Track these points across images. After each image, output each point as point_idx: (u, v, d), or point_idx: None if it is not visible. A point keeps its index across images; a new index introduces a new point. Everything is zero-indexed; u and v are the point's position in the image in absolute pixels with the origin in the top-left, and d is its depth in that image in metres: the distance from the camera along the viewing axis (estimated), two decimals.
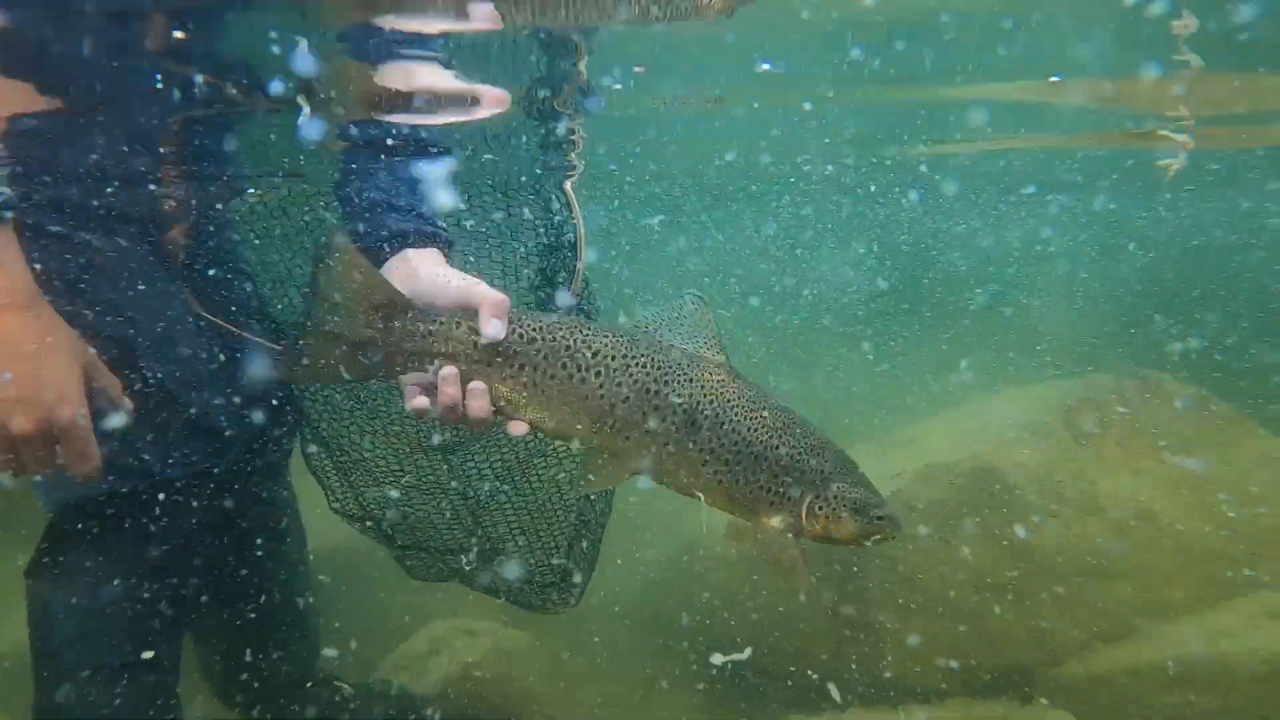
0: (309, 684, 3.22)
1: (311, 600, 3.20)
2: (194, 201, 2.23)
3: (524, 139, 2.62)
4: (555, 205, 2.14)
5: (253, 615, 2.86)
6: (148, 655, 2.11)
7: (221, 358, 2.12)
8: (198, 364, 2.09)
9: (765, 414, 1.89)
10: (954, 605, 4.10)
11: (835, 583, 4.26)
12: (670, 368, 1.83)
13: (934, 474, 4.39)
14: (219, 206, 2.29)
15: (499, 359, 1.77)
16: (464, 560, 2.64)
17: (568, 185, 2.13)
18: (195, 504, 2.21)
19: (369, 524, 2.55)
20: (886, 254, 14.07)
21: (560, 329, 1.81)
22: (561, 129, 2.62)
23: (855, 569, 4.22)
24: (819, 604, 4.27)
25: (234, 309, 2.21)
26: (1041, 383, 5.50)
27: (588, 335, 1.82)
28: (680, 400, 1.83)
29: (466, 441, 2.46)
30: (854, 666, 4.14)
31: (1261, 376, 6.88)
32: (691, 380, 1.84)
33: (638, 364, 1.82)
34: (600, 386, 1.80)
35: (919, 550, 4.20)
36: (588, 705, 4.07)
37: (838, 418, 6.82)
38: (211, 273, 2.20)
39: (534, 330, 1.80)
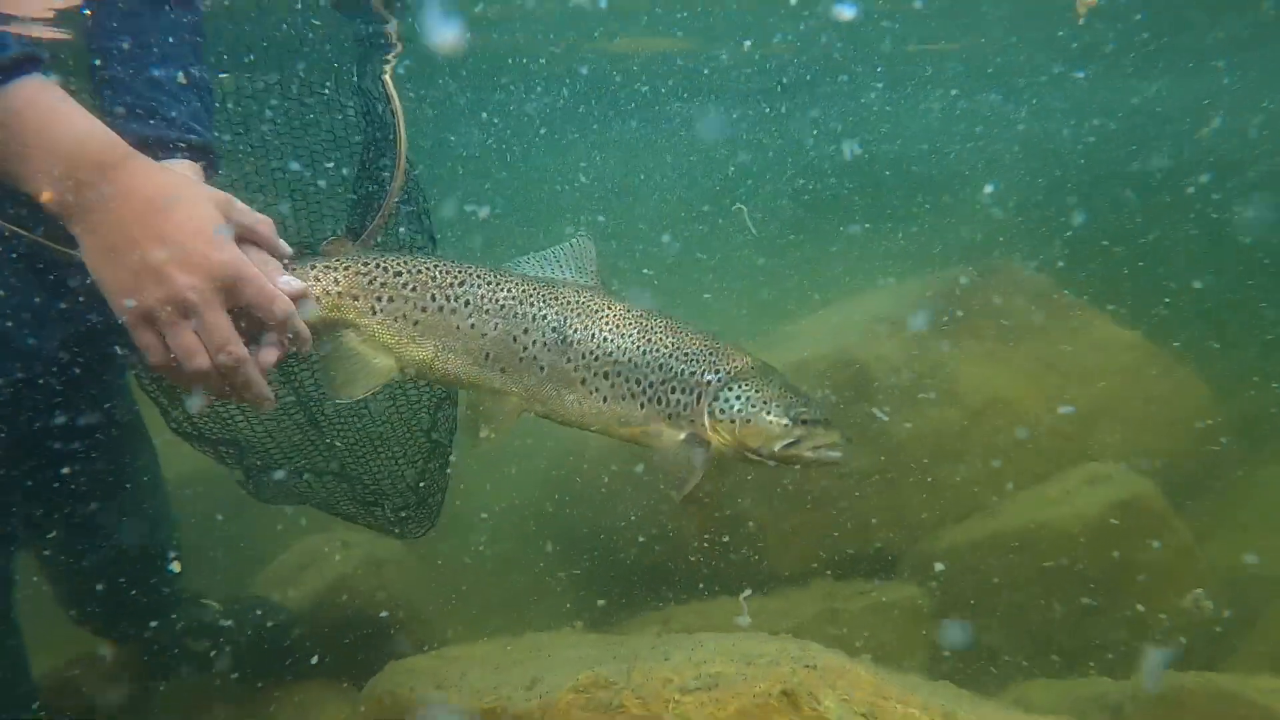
0: (172, 602, 3.18)
1: (172, 519, 3.13)
2: None
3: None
4: (373, 96, 2.05)
5: (99, 535, 2.78)
6: None
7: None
8: None
9: (641, 320, 1.83)
10: (821, 495, 4.26)
11: (708, 477, 4.37)
12: (535, 289, 1.82)
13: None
14: None
15: (368, 293, 1.78)
16: (311, 480, 2.57)
17: (386, 74, 2.04)
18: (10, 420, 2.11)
19: (206, 443, 2.46)
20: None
21: (425, 264, 1.82)
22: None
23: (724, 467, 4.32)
24: (694, 500, 4.39)
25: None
26: (907, 279, 5.68)
27: (453, 269, 1.82)
28: (546, 315, 1.80)
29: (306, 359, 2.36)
30: (732, 558, 4.29)
31: (1109, 269, 7.28)
32: (558, 299, 1.81)
33: (504, 290, 1.81)
34: (470, 316, 1.79)
35: None
36: (465, 612, 4.12)
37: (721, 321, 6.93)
38: None
39: (399, 266, 1.81)
